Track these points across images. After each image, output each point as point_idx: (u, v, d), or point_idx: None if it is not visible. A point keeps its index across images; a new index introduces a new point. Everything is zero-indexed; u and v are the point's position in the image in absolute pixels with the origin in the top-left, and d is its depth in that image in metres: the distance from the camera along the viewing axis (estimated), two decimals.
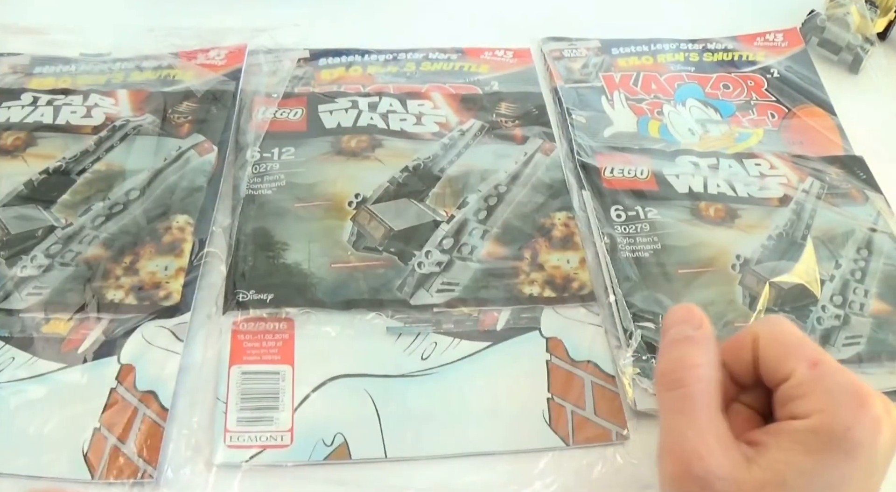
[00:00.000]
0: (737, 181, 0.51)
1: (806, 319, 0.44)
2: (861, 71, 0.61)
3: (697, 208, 0.49)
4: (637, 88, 0.58)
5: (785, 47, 0.62)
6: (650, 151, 0.53)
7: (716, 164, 0.52)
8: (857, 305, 0.45)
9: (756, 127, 0.56)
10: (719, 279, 0.46)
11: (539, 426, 0.40)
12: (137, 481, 0.37)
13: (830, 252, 0.47)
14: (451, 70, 0.58)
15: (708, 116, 0.56)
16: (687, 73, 0.60)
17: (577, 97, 0.57)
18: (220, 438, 0.38)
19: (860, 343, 0.43)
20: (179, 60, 0.56)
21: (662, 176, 0.51)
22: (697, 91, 0.58)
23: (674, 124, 0.55)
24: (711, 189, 0.50)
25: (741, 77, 0.59)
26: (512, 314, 0.44)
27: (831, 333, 0.44)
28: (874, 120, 0.58)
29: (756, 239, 0.48)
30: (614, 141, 0.54)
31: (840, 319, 0.44)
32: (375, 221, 0.47)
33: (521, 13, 0.64)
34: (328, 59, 0.58)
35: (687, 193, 0.50)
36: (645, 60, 0.60)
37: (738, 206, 0.49)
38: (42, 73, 0.55)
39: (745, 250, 0.47)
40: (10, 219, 0.46)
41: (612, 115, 0.56)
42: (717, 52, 0.61)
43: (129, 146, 0.50)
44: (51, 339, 0.41)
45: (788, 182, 0.51)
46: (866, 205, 0.50)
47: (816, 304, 0.45)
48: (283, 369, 0.41)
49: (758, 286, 0.45)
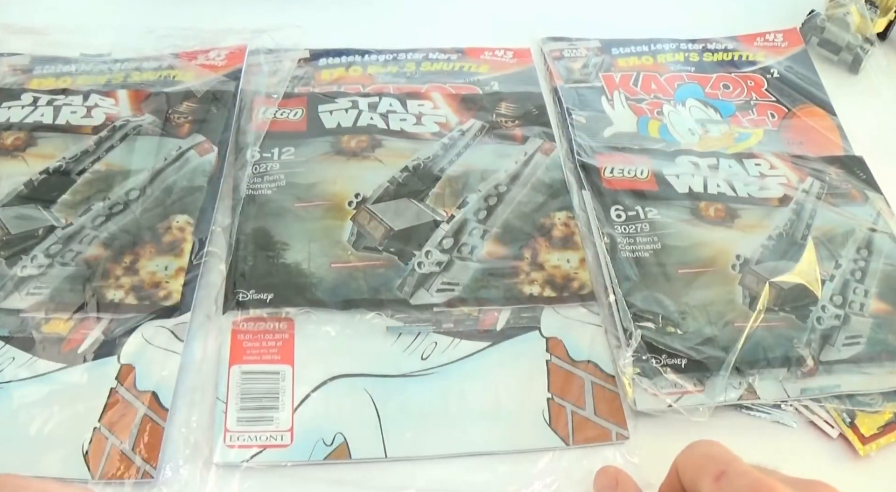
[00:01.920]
0: (737, 181, 0.51)
1: (806, 319, 0.44)
2: (861, 71, 0.61)
3: (697, 208, 0.49)
4: (637, 88, 0.58)
5: (785, 47, 0.62)
6: (650, 151, 0.53)
7: (716, 164, 0.52)
8: (858, 305, 0.45)
9: (756, 127, 0.56)
10: (719, 279, 0.46)
11: (539, 426, 0.40)
12: (137, 480, 0.37)
13: (830, 252, 0.47)
14: (451, 70, 0.59)
15: (708, 116, 0.56)
16: (687, 73, 0.60)
17: (577, 97, 0.57)
18: (219, 437, 0.38)
19: (860, 343, 0.43)
20: (180, 61, 0.56)
21: (662, 176, 0.51)
22: (697, 91, 0.58)
23: (674, 124, 0.55)
24: (711, 189, 0.50)
25: (741, 77, 0.59)
26: (512, 314, 0.44)
27: (831, 333, 0.44)
28: (874, 120, 0.58)
29: (756, 239, 0.48)
30: (614, 141, 0.54)
31: (840, 319, 0.44)
32: (375, 220, 0.47)
33: (521, 13, 0.64)
34: (328, 59, 0.58)
35: (687, 193, 0.50)
36: (645, 60, 0.60)
37: (738, 206, 0.49)
38: (42, 73, 0.55)
39: (745, 250, 0.47)
40: (11, 219, 0.46)
41: (612, 115, 0.56)
42: (717, 52, 0.61)
43: (129, 146, 0.50)
44: (51, 339, 0.41)
45: (788, 182, 0.51)
46: (866, 205, 0.50)
47: (816, 304, 0.45)
48: (282, 368, 0.41)
49: (758, 286, 0.45)
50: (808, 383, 0.42)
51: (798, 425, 0.41)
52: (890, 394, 0.42)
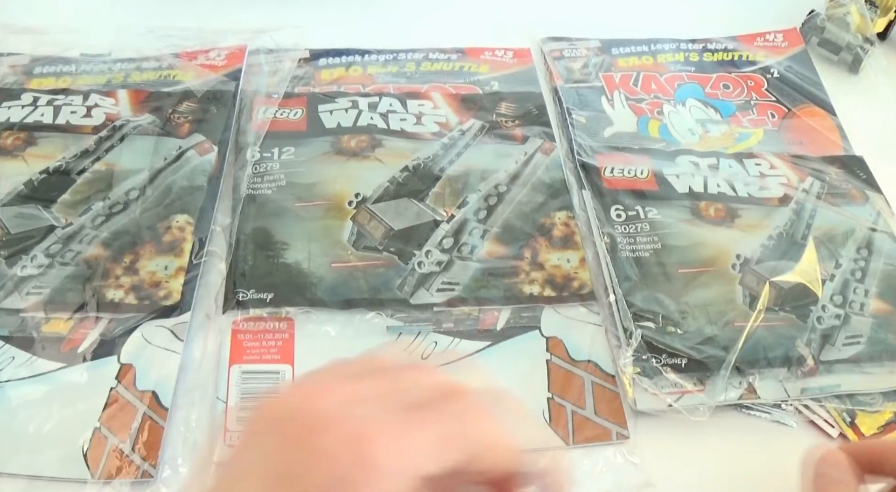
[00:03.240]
0: (737, 181, 0.51)
1: (806, 318, 0.44)
2: (861, 71, 0.61)
3: (697, 208, 0.49)
4: (637, 88, 0.58)
5: (785, 47, 0.62)
6: (650, 151, 0.53)
7: (716, 164, 0.52)
8: (858, 305, 0.45)
9: (756, 127, 0.56)
10: (719, 279, 0.45)
11: (539, 426, 0.40)
12: (137, 479, 0.37)
13: (830, 252, 0.47)
14: (451, 70, 0.58)
15: (708, 116, 0.56)
16: (687, 73, 0.60)
17: (577, 97, 0.57)
18: (219, 437, 0.38)
19: (860, 343, 0.43)
20: (180, 61, 0.56)
21: (662, 176, 0.51)
22: (697, 91, 0.58)
23: (674, 124, 0.55)
24: (711, 189, 0.50)
25: (741, 77, 0.59)
26: (512, 314, 0.44)
27: (832, 333, 0.44)
28: (874, 120, 0.58)
29: (756, 239, 0.48)
30: (614, 141, 0.54)
31: (840, 319, 0.44)
32: (375, 220, 0.47)
33: (521, 13, 0.64)
34: (328, 59, 0.58)
35: (687, 193, 0.50)
36: (645, 60, 0.60)
37: (738, 205, 0.49)
38: (42, 73, 0.55)
39: (746, 250, 0.47)
40: (11, 218, 0.46)
41: (612, 115, 0.56)
42: (717, 52, 0.61)
43: (129, 146, 0.50)
44: (51, 338, 0.41)
45: (788, 182, 0.51)
46: (866, 205, 0.50)
47: (817, 303, 0.45)
48: (283, 368, 0.41)
49: (758, 286, 0.45)
50: (809, 383, 0.42)
51: (798, 424, 0.41)
52: (890, 393, 0.42)
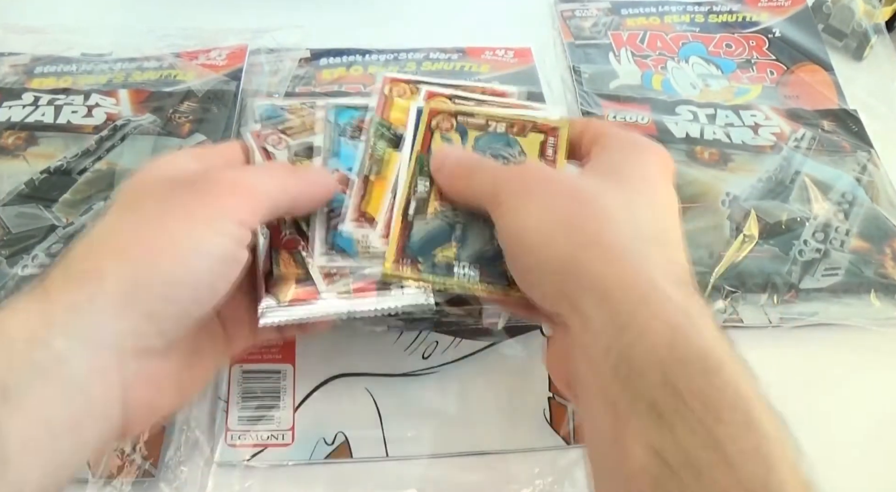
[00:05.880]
0: (732, 130, 0.53)
1: (789, 251, 0.46)
2: (864, 58, 0.61)
3: (693, 152, 0.51)
4: (643, 46, 0.60)
5: (787, 6, 0.64)
6: (652, 101, 0.55)
7: (713, 113, 0.55)
8: (838, 242, 0.47)
9: (755, 83, 0.58)
10: (709, 213, 0.48)
11: (540, 426, 0.40)
12: (138, 479, 0.37)
13: (816, 195, 0.49)
14: (452, 70, 0.58)
15: (709, 72, 0.59)
16: (692, 32, 0.62)
17: (584, 56, 0.59)
18: (220, 436, 0.39)
19: (838, 274, 0.46)
20: (180, 60, 0.56)
21: (662, 123, 0.53)
22: (701, 49, 0.60)
23: (676, 79, 0.58)
24: (708, 136, 0.53)
25: (743, 37, 0.62)
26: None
27: (811, 265, 0.46)
28: (870, 77, 0.59)
29: (746, 180, 0.50)
30: (618, 92, 0.56)
31: (821, 253, 0.47)
32: None
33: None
34: (329, 58, 0.58)
35: (684, 138, 0.53)
36: (652, 20, 0.63)
37: (731, 151, 0.52)
38: (43, 72, 0.55)
39: (736, 189, 0.49)
40: (12, 218, 0.46)
41: (618, 69, 0.58)
42: (722, 13, 0.64)
43: (130, 146, 0.50)
44: None
45: (781, 132, 0.54)
46: (855, 155, 0.52)
47: (799, 238, 0.47)
48: (284, 367, 0.41)
49: (744, 219, 0.47)
50: (789, 310, 0.44)
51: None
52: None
